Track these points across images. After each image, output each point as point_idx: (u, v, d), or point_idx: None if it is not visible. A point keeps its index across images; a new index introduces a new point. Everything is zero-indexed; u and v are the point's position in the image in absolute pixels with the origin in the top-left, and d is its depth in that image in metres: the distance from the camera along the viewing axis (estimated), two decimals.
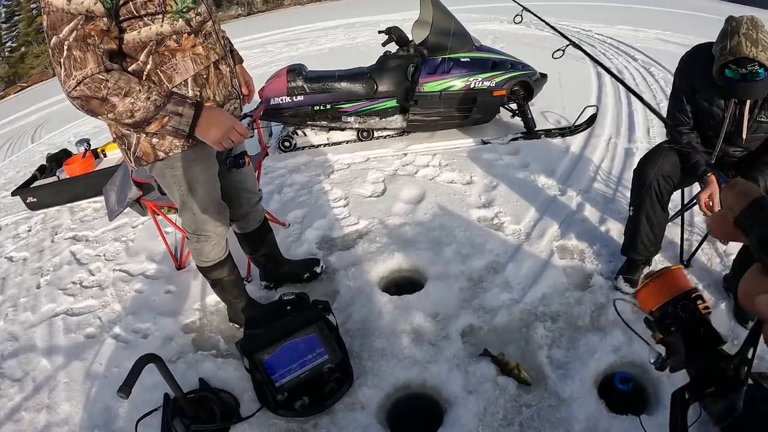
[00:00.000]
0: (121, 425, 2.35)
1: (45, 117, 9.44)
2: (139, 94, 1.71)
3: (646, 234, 2.65)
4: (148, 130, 1.81)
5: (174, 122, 1.80)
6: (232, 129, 1.92)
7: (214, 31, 2.01)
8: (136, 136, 1.97)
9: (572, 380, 2.27)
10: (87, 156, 5.14)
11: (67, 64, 1.62)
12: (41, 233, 4.50)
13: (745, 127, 2.38)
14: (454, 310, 2.72)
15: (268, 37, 13.93)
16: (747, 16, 2.18)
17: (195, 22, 1.89)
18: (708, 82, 2.37)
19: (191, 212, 2.26)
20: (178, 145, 2.01)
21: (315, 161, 4.81)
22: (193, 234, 2.37)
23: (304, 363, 2.21)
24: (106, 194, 3.45)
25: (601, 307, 2.66)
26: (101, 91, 1.65)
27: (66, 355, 2.84)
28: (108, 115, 1.72)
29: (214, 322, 2.92)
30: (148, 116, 1.75)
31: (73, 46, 1.60)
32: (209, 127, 1.87)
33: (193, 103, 1.83)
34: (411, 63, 4.73)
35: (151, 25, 1.76)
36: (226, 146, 1.95)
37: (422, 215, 3.63)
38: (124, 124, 1.78)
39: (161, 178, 2.16)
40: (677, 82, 2.60)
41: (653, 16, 10.44)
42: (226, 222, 2.41)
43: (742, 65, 2.14)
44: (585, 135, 4.83)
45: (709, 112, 2.47)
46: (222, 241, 2.44)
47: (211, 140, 1.91)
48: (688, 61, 2.53)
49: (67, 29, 1.59)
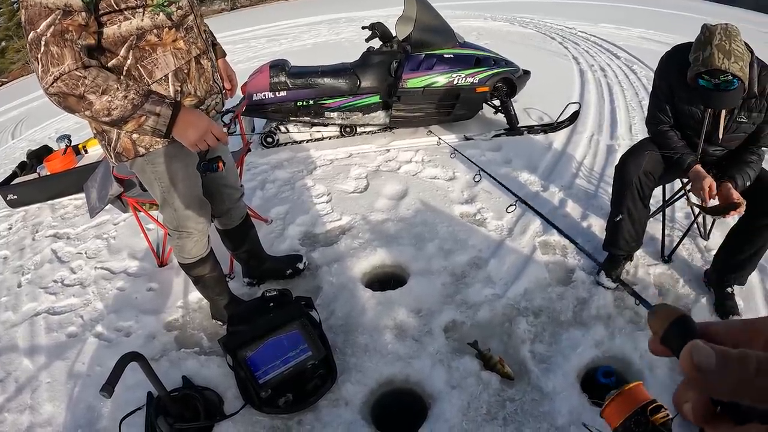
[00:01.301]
0: (105, 425, 2.34)
1: (26, 113, 9.31)
2: (117, 92, 1.69)
3: (628, 230, 2.68)
4: (125, 128, 1.79)
5: (151, 122, 1.79)
6: (208, 132, 1.91)
7: (195, 25, 1.99)
8: (116, 132, 1.95)
9: (555, 374, 2.29)
10: (68, 152, 5.07)
11: (45, 59, 1.60)
12: (22, 231, 4.44)
13: (722, 128, 2.42)
14: (436, 306, 2.73)
15: (252, 33, 13.84)
16: (721, 26, 2.19)
17: (176, 16, 1.87)
18: (686, 84, 2.39)
19: (172, 208, 2.25)
20: (159, 141, 2.00)
21: (298, 157, 4.80)
22: (174, 230, 2.35)
23: (288, 360, 2.21)
24: (87, 191, 3.41)
25: (583, 302, 2.68)
26: (78, 89, 1.64)
27: (48, 355, 2.82)
28: (85, 112, 1.70)
29: (197, 320, 2.91)
30: (126, 115, 1.73)
31: (50, 41, 1.58)
32: (186, 128, 1.86)
33: (171, 103, 1.81)
34: (394, 59, 4.73)
35: (132, 19, 1.75)
36: (202, 148, 1.93)
37: (405, 211, 3.64)
38: (101, 122, 1.77)
39: (142, 174, 2.14)
40: (656, 81, 2.63)
41: (636, 15, 10.52)
42: (207, 218, 2.40)
43: (715, 76, 2.17)
44: (567, 132, 4.87)
45: (688, 112, 2.51)
46: (204, 237, 2.43)
47: (188, 142, 1.89)
48: (666, 62, 2.56)
49: (45, 24, 1.57)
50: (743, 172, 2.38)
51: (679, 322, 0.40)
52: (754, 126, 2.41)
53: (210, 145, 1.94)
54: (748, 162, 2.41)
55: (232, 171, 2.58)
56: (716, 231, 3.05)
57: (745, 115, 2.38)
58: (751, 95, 2.29)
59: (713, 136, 2.48)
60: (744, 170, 2.38)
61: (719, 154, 2.57)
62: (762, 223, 2.40)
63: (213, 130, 1.92)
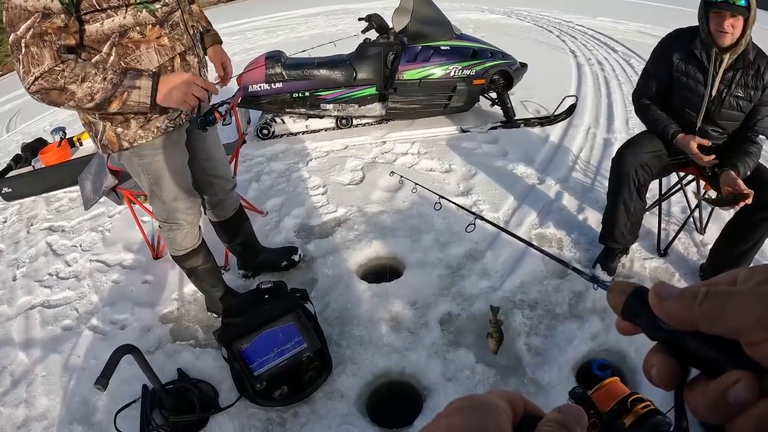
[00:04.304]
0: (100, 418, 2.33)
1: (20, 106, 9.24)
2: (96, 77, 1.71)
3: (624, 222, 2.68)
4: (110, 109, 1.80)
5: (134, 96, 1.79)
6: (192, 86, 1.88)
7: (182, 21, 1.98)
8: (102, 124, 1.96)
9: (550, 367, 2.29)
10: (62, 145, 5.04)
11: (25, 61, 1.63)
12: (17, 224, 4.42)
13: (718, 81, 2.44)
14: (432, 298, 2.73)
15: (248, 24, 13.76)
16: None
17: (161, 13, 1.87)
18: (688, 59, 2.47)
19: (161, 201, 2.25)
20: (143, 135, 2.00)
21: (293, 149, 4.78)
22: (164, 222, 2.35)
23: (283, 352, 2.21)
24: (82, 183, 3.40)
25: (579, 295, 2.68)
26: (58, 81, 1.66)
27: (43, 348, 2.81)
28: (69, 102, 1.72)
29: (192, 312, 2.90)
30: (108, 96, 1.75)
31: (30, 43, 1.61)
32: (169, 91, 1.85)
33: (149, 74, 1.81)
34: (391, 51, 4.71)
35: (114, 17, 1.75)
36: (192, 104, 1.92)
37: (401, 203, 3.63)
38: (85, 108, 1.78)
39: (130, 167, 2.16)
40: (651, 62, 2.69)
41: (635, 9, 10.48)
42: (197, 210, 2.39)
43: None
44: (564, 125, 4.86)
45: (687, 86, 2.54)
46: (194, 229, 2.42)
47: (175, 102, 1.88)
48: (667, 43, 2.62)
49: (24, 27, 1.60)
50: (743, 161, 2.39)
51: (636, 293, 0.40)
52: (750, 104, 2.43)
53: (199, 98, 1.92)
54: (747, 152, 2.43)
55: (222, 162, 2.56)
56: (712, 225, 3.05)
57: (743, 90, 2.39)
58: (745, 63, 2.37)
59: (713, 113, 2.50)
60: (744, 159, 2.39)
61: (718, 138, 2.58)
62: (758, 218, 2.40)
63: (196, 82, 1.90)
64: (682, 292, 0.36)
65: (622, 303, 0.41)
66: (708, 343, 0.34)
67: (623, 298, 0.41)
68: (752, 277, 0.34)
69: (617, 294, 0.41)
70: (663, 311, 0.36)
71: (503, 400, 0.40)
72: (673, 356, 0.37)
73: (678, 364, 0.37)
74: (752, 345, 0.32)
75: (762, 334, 0.31)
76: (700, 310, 0.34)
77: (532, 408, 0.42)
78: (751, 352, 0.32)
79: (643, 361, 0.39)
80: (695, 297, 0.35)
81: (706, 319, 0.34)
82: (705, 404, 0.34)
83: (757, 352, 0.32)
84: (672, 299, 0.36)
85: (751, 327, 0.31)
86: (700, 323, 0.34)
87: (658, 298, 0.37)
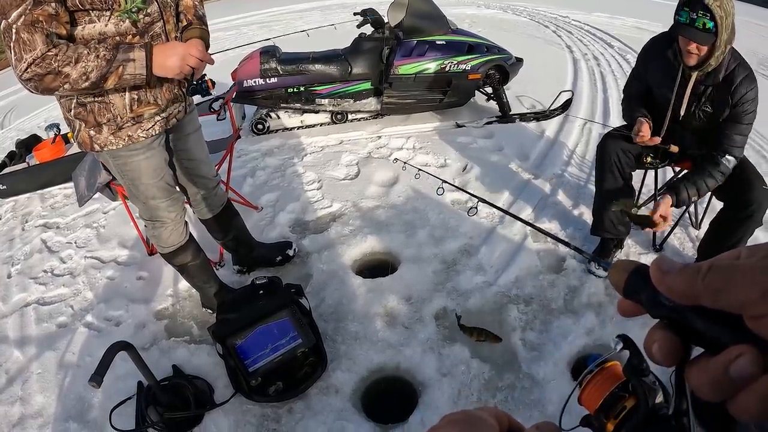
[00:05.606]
0: (96, 415, 2.33)
1: (15, 102, 9.18)
2: (89, 56, 1.70)
3: (612, 210, 2.69)
4: (107, 86, 1.79)
5: (130, 68, 1.79)
6: (187, 54, 1.88)
7: (164, 32, 1.98)
8: (78, 122, 1.96)
9: (546, 362, 2.30)
10: (57, 141, 5.01)
11: (17, 48, 1.63)
12: (11, 221, 4.40)
13: (688, 92, 2.45)
14: (427, 293, 2.73)
15: (243, 19, 13.70)
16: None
17: (142, 24, 1.87)
18: (662, 67, 2.50)
19: (140, 201, 2.25)
20: (114, 142, 1.99)
21: (288, 144, 4.77)
22: (149, 221, 2.35)
23: (278, 347, 2.21)
24: (76, 179, 3.38)
25: (575, 290, 2.69)
26: (52, 65, 1.66)
27: (38, 346, 2.80)
28: (64, 86, 1.71)
29: (187, 308, 2.90)
30: (103, 72, 1.74)
31: (21, 29, 1.61)
32: (165, 59, 1.84)
33: (142, 46, 1.81)
34: (386, 45, 4.69)
35: (96, 23, 1.76)
36: (186, 72, 1.92)
37: (396, 198, 3.63)
38: (82, 89, 1.76)
39: (108, 166, 2.17)
40: (636, 64, 2.74)
41: (631, 5, 10.45)
42: (179, 207, 2.38)
43: (695, 9, 2.20)
44: (560, 120, 4.86)
45: (660, 93, 2.58)
46: (179, 226, 2.41)
47: (173, 71, 1.87)
48: (649, 48, 2.65)
49: (16, 14, 1.60)
50: (691, 183, 2.40)
51: (638, 270, 0.40)
52: (718, 120, 2.43)
53: (194, 67, 1.92)
54: (703, 171, 2.41)
55: (204, 162, 2.54)
56: (707, 221, 3.05)
57: (710, 105, 2.42)
58: (715, 81, 2.35)
59: (679, 114, 2.53)
60: (694, 181, 2.40)
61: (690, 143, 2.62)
62: (742, 215, 2.43)
63: (191, 51, 1.90)
64: (685, 266, 0.36)
65: (624, 280, 0.40)
66: (710, 318, 0.34)
67: (625, 276, 0.40)
68: (756, 253, 0.33)
69: (619, 271, 0.41)
70: (665, 285, 0.36)
71: (492, 416, 0.45)
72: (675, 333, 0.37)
73: (680, 341, 0.37)
74: (756, 319, 0.31)
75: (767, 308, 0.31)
76: (704, 284, 0.34)
77: (516, 425, 0.47)
78: (755, 326, 0.31)
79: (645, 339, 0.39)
80: (698, 271, 0.34)
81: (710, 291, 0.33)
82: (707, 380, 0.33)
83: (761, 326, 0.31)
84: (674, 272, 0.36)
85: (755, 300, 0.31)
86: (703, 297, 0.34)
87: (660, 271, 0.37)
